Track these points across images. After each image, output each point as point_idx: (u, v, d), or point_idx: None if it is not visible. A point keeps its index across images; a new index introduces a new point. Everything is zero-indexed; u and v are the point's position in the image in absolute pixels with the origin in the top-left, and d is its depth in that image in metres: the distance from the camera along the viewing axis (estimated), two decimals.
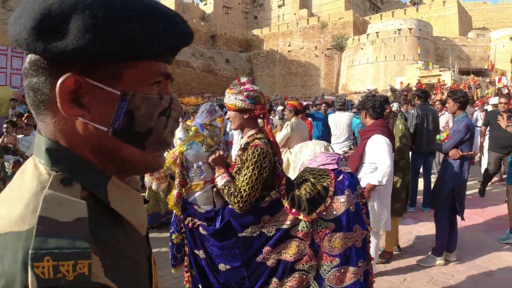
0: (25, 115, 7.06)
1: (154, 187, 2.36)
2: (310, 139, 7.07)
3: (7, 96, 9.37)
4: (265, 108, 2.09)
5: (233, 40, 55.36)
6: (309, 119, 7.26)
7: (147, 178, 2.36)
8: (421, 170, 6.12)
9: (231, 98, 2.02)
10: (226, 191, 1.95)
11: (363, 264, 2.04)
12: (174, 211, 2.19)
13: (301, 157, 4.04)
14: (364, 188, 2.53)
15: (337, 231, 1.97)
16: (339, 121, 6.08)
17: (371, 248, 3.08)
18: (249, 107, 2.00)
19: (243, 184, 1.88)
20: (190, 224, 2.09)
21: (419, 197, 5.99)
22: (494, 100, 8.67)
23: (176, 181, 2.16)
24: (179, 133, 2.22)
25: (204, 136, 2.28)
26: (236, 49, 54.52)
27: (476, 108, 11.07)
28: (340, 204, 2.00)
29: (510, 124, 5.62)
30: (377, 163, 3.09)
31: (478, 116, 9.67)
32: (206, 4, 61.58)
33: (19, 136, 5.65)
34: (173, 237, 2.22)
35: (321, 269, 1.98)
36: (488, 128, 6.55)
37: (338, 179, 2.09)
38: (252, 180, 1.87)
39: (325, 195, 1.99)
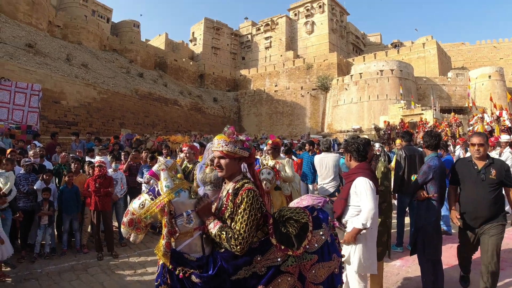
0: (9, 150, 6.77)
1: (132, 238, 2.14)
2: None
3: None
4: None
5: (221, 79, 56.47)
6: (295, 158, 7.46)
7: (124, 229, 2.12)
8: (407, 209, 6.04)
9: (230, 146, 2.12)
10: (224, 236, 1.97)
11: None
12: (162, 262, 2.08)
13: None
14: (335, 221, 2.70)
15: (320, 262, 2.15)
16: (324, 162, 6.08)
17: None
18: (247, 155, 2.19)
19: (241, 226, 1.95)
20: (181, 274, 2.02)
21: (406, 238, 5.83)
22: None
23: (165, 231, 2.05)
24: (165, 181, 2.14)
25: (189, 184, 2.25)
26: (224, 88, 55.50)
27: (458, 146, 11.18)
28: (319, 237, 2.19)
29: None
30: (361, 206, 3.07)
31: (461, 154, 9.72)
32: (195, 44, 63.32)
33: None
34: None
35: None
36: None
37: (313, 215, 2.26)
38: (250, 221, 1.96)
39: (307, 230, 2.12)
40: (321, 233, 2.19)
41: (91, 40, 40.66)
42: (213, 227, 2.04)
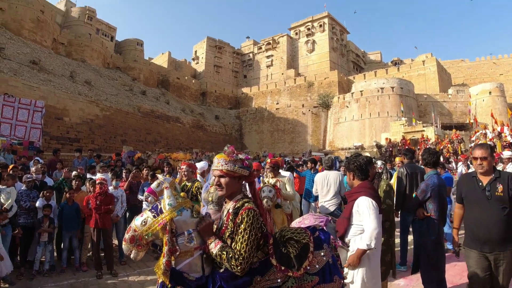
0: (11, 166, 6.77)
1: (133, 255, 2.14)
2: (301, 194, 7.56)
3: None
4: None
5: (223, 97, 56.86)
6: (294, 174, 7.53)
7: (126, 245, 2.13)
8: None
9: (230, 165, 2.13)
10: (224, 256, 1.97)
11: None
12: (161, 280, 2.07)
13: None
14: (337, 241, 2.67)
15: (321, 283, 2.10)
16: (326, 179, 6.06)
17: None
18: (247, 174, 2.19)
19: (242, 246, 1.94)
20: None
21: (410, 256, 5.74)
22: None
23: (165, 249, 2.05)
24: (168, 199, 2.14)
25: (191, 203, 2.25)
26: (226, 106, 55.84)
27: (460, 163, 11.15)
28: (320, 258, 2.15)
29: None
30: (364, 226, 3.06)
31: (463, 171, 9.68)
32: (198, 63, 64.10)
33: (1, 186, 5.38)
34: None
35: None
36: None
37: (315, 236, 2.23)
38: (250, 241, 1.95)
39: (307, 251, 2.09)
40: (322, 254, 2.17)
41: (95, 58, 41.24)
42: (214, 246, 2.03)
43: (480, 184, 3.13)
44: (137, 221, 2.11)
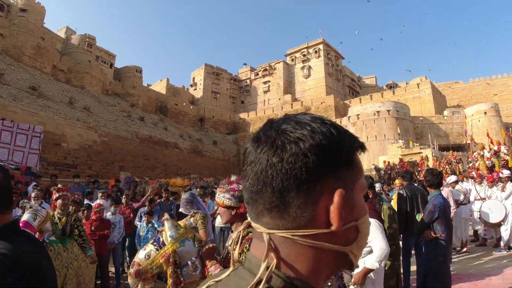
0: None
1: None
2: None
3: None
4: None
5: (221, 123, 57.19)
6: None
7: (131, 280, 2.11)
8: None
9: (220, 196, 2.21)
10: None
11: None
12: None
13: None
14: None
15: None
16: None
17: None
18: (235, 205, 2.20)
19: None
20: None
21: (413, 278, 5.60)
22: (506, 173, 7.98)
23: (170, 281, 2.04)
24: (169, 231, 2.15)
25: (193, 232, 2.28)
26: (224, 132, 56.06)
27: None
28: (328, 287, 2.18)
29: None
30: (372, 246, 3.03)
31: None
32: (195, 89, 64.80)
33: None
34: None
35: None
36: None
37: None
38: None
39: None
40: (329, 283, 2.17)
41: (94, 85, 41.67)
42: (214, 270, 2.01)
43: None
44: (140, 255, 2.12)
